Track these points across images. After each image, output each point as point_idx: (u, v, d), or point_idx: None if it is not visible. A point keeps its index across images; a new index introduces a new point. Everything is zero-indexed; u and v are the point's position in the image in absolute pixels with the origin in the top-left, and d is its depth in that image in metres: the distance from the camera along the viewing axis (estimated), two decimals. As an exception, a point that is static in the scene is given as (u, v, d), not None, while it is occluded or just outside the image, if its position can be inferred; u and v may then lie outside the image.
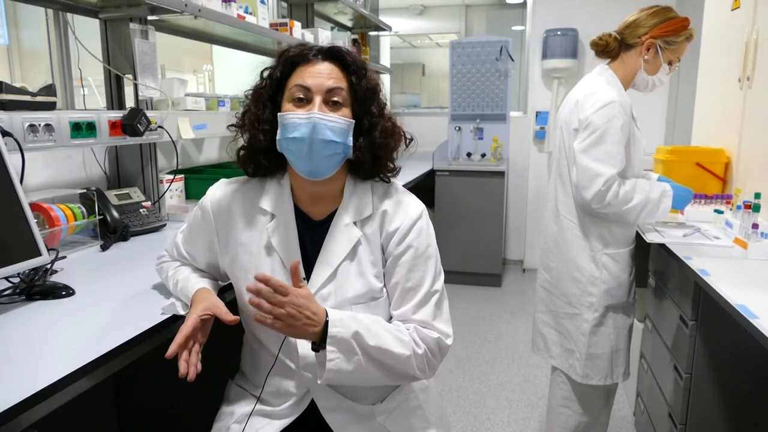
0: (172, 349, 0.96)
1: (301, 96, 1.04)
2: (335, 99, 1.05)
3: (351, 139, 1.06)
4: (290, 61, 1.07)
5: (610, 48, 1.79)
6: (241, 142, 1.15)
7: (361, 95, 1.07)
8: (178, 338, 0.97)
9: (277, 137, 1.06)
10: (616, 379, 1.85)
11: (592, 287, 1.79)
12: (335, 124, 1.03)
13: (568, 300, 1.84)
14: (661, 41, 1.72)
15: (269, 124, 1.08)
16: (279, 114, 1.06)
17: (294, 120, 1.03)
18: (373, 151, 1.09)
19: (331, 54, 1.07)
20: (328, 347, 0.98)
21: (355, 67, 1.07)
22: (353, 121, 1.07)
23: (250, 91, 1.12)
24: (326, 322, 0.98)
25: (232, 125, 1.14)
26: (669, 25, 1.72)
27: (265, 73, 1.11)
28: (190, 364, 0.97)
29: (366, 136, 1.08)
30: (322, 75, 1.05)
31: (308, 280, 1.09)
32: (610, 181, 1.65)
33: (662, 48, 1.73)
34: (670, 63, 1.76)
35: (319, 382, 1.01)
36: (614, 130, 1.66)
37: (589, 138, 1.68)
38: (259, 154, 1.10)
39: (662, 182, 1.80)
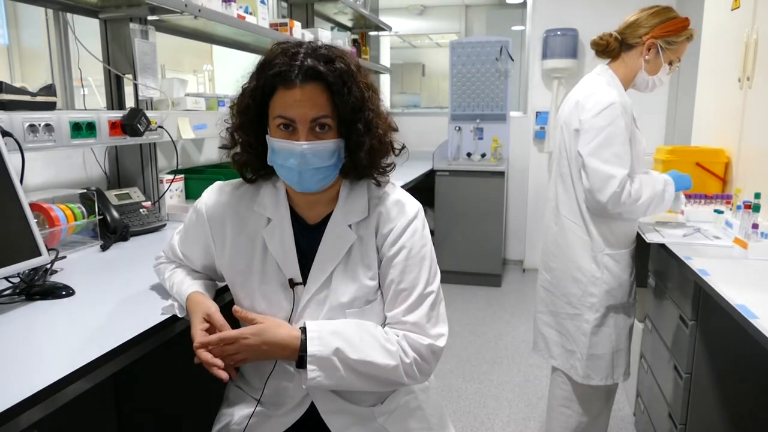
0: (218, 372, 0.99)
1: (287, 124, 1.01)
2: (321, 123, 1.02)
3: (342, 154, 1.05)
4: (270, 82, 1.01)
5: (610, 48, 1.79)
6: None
7: (345, 116, 1.02)
8: (205, 358, 0.99)
9: (268, 155, 1.06)
10: (617, 379, 1.85)
11: (593, 287, 1.79)
12: (324, 150, 1.02)
13: (569, 300, 1.84)
14: (661, 41, 1.72)
15: (259, 144, 1.07)
16: (268, 138, 1.05)
17: (282, 148, 1.02)
18: (358, 171, 1.08)
19: (312, 75, 1.00)
20: (309, 365, 0.99)
21: (338, 87, 1.00)
22: (342, 140, 1.05)
23: (235, 105, 1.09)
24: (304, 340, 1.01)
25: (223, 146, 1.12)
26: (670, 25, 1.72)
27: (247, 91, 1.06)
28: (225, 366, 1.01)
29: (351, 155, 1.06)
30: (304, 103, 0.99)
31: (305, 285, 1.09)
32: (623, 181, 1.65)
33: (663, 48, 1.73)
34: (670, 63, 1.76)
35: (303, 386, 1.03)
36: (619, 131, 1.66)
37: (595, 140, 1.68)
38: (254, 170, 1.11)
39: (660, 174, 1.82)
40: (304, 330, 1.02)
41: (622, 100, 1.70)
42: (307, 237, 1.11)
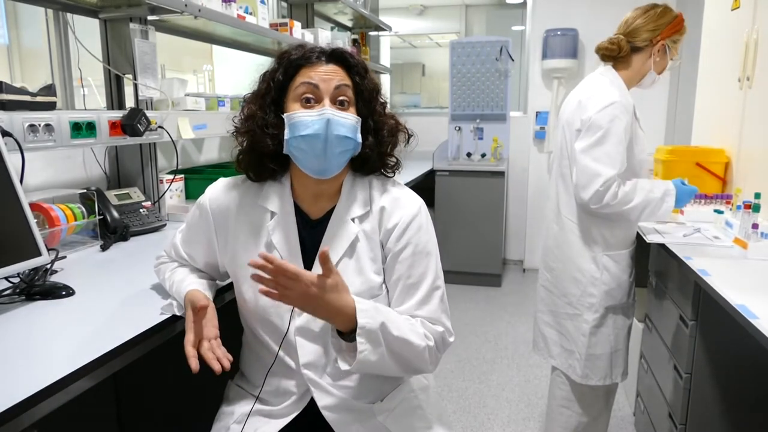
0: (192, 363, 0.97)
1: (310, 96, 1.05)
2: (342, 98, 1.06)
3: (360, 136, 1.08)
4: (293, 63, 1.07)
5: (623, 53, 1.76)
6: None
7: (366, 95, 1.09)
8: (188, 350, 0.99)
9: (285, 137, 1.05)
10: (615, 379, 1.85)
11: (593, 288, 1.79)
12: (347, 121, 1.05)
13: (569, 300, 1.85)
14: (669, 41, 1.76)
15: (275, 128, 1.08)
16: (286, 114, 1.05)
17: (305, 118, 1.03)
18: (380, 149, 1.11)
19: (335, 56, 1.08)
20: (358, 338, 0.96)
21: (358, 69, 1.09)
22: (360, 119, 1.08)
23: (250, 95, 1.12)
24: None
25: (235, 131, 1.12)
26: (675, 24, 1.76)
27: (266, 76, 1.10)
28: (218, 358, 0.99)
29: (374, 134, 1.10)
30: (328, 75, 1.06)
31: None
32: (609, 181, 1.64)
33: (669, 47, 1.77)
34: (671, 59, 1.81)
35: (348, 368, 0.99)
36: (616, 131, 1.66)
37: (591, 138, 1.68)
38: (263, 159, 1.09)
39: (665, 181, 1.79)
40: None
41: (623, 100, 1.69)
42: (311, 232, 1.12)
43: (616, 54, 1.78)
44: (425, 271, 1.09)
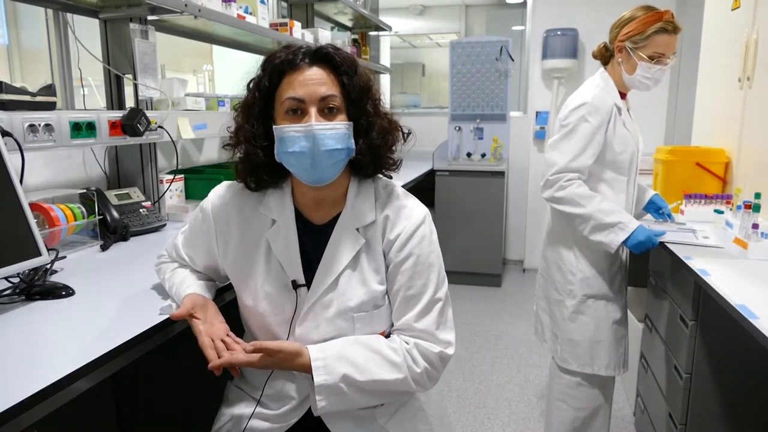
0: (215, 364, 0.97)
1: (295, 108, 1.01)
2: (330, 106, 1.02)
3: (352, 141, 1.05)
4: (277, 69, 1.03)
5: (598, 56, 1.89)
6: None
7: (355, 96, 1.04)
8: (209, 353, 0.98)
9: (276, 150, 1.04)
10: (598, 371, 1.88)
11: (571, 275, 1.88)
12: (335, 132, 1.01)
13: (555, 286, 1.94)
14: (629, 42, 1.76)
15: (265, 139, 1.05)
16: (275, 127, 1.03)
17: (291, 133, 1.00)
18: (372, 152, 1.07)
19: (319, 56, 1.03)
20: (317, 396, 0.98)
21: (345, 67, 1.03)
22: (351, 123, 1.05)
23: (239, 106, 1.09)
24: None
25: (227, 145, 1.11)
26: (630, 26, 1.76)
27: (252, 85, 1.07)
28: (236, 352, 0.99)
29: (364, 137, 1.06)
30: (313, 82, 1.00)
31: (309, 288, 1.08)
32: (561, 170, 1.74)
33: (632, 48, 1.76)
34: (651, 58, 1.73)
35: (315, 414, 1.03)
36: (583, 129, 1.74)
37: (559, 134, 1.79)
38: (259, 169, 1.08)
39: (633, 220, 1.75)
40: None
41: (595, 101, 1.75)
42: (314, 239, 1.10)
43: (595, 57, 1.90)
44: (426, 283, 1.07)
